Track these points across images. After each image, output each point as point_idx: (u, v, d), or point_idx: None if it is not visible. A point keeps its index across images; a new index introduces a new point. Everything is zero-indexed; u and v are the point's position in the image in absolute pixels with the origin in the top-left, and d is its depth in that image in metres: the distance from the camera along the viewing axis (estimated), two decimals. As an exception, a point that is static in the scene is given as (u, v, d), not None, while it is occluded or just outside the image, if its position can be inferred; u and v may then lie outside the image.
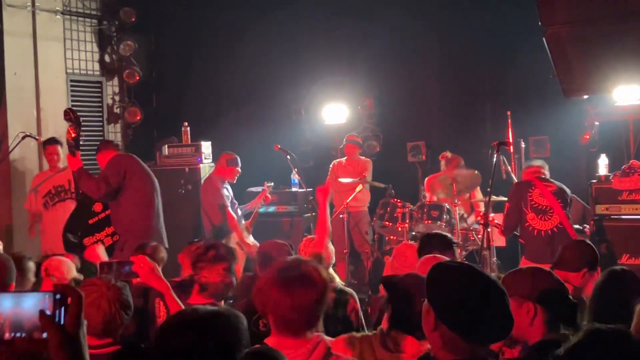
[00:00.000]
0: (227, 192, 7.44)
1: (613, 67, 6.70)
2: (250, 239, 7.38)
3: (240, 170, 7.44)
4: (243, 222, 7.47)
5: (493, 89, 9.23)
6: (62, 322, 1.41)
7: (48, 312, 1.41)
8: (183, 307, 3.14)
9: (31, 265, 4.25)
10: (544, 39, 6.76)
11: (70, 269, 4.41)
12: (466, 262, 2.24)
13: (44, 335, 1.40)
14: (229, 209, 7.22)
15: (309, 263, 2.47)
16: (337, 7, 9.23)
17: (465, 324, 2.05)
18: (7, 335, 1.41)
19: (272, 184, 7.98)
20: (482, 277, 2.13)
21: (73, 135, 5.98)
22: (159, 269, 3.62)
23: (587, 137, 8.08)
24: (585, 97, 7.71)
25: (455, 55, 9.26)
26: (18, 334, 1.41)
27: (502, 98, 8.95)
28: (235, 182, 7.54)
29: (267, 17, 9.36)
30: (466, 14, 8.94)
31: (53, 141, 7.51)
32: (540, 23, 6.76)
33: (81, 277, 4.43)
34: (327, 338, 2.53)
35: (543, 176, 6.29)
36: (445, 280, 2.13)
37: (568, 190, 6.29)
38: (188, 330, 1.87)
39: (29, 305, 1.42)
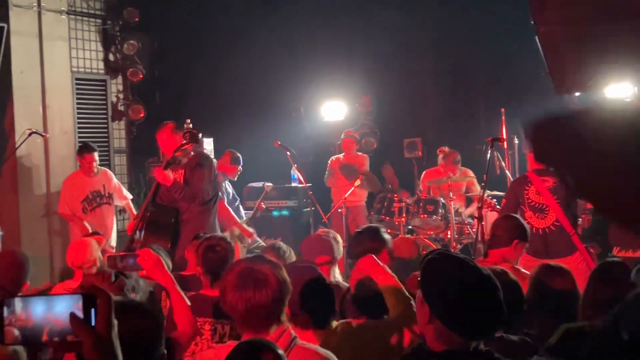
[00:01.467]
0: (228, 188, 7.60)
1: (604, 66, 6.84)
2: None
3: (241, 169, 7.63)
4: (244, 218, 7.63)
5: (487, 86, 9.39)
6: (93, 324, 1.40)
7: (79, 315, 1.40)
8: (187, 301, 3.16)
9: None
10: (536, 37, 6.91)
11: (93, 249, 4.52)
12: (461, 256, 2.23)
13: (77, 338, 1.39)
14: (224, 200, 7.30)
15: (267, 263, 2.49)
16: (335, 6, 9.39)
17: (457, 319, 2.09)
18: (40, 339, 1.40)
19: (272, 184, 8.09)
20: (475, 272, 2.14)
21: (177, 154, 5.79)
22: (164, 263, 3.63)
23: (579, 133, 8.24)
24: (577, 94, 7.88)
25: (450, 54, 9.43)
26: (51, 337, 1.40)
27: (496, 95, 9.10)
28: (235, 179, 7.72)
29: (267, 16, 9.54)
30: (461, 13, 9.09)
31: (92, 149, 7.41)
32: (532, 22, 6.92)
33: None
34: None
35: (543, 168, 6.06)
36: (439, 275, 2.15)
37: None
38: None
39: (61, 308, 1.41)
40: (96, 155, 7.47)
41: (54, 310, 1.41)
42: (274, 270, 2.47)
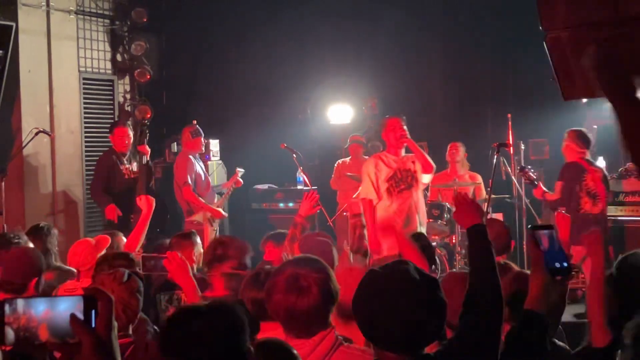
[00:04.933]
0: (200, 167, 7.55)
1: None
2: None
3: (204, 141, 7.65)
4: (216, 199, 7.63)
5: (494, 91, 9.40)
6: (93, 325, 1.41)
7: (80, 316, 1.41)
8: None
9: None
10: (544, 43, 6.91)
11: (90, 252, 4.45)
12: (389, 270, 2.13)
13: (77, 339, 1.40)
14: (191, 187, 7.23)
15: (316, 270, 2.50)
16: (342, 9, 9.41)
17: (366, 329, 2.09)
18: (40, 339, 1.41)
19: (244, 170, 7.95)
20: (390, 284, 2.07)
21: None
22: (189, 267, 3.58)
23: (586, 140, 8.23)
24: (584, 100, 7.87)
25: (457, 58, 9.44)
26: (51, 338, 1.41)
27: (503, 100, 9.13)
28: (203, 151, 7.71)
29: (274, 18, 9.56)
30: (469, 18, 9.11)
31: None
32: (541, 27, 6.91)
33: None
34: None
35: (589, 158, 6.29)
36: (360, 287, 2.14)
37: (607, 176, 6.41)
38: (194, 319, 1.89)
39: (62, 308, 1.41)
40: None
41: (55, 311, 1.41)
42: (321, 279, 2.47)
